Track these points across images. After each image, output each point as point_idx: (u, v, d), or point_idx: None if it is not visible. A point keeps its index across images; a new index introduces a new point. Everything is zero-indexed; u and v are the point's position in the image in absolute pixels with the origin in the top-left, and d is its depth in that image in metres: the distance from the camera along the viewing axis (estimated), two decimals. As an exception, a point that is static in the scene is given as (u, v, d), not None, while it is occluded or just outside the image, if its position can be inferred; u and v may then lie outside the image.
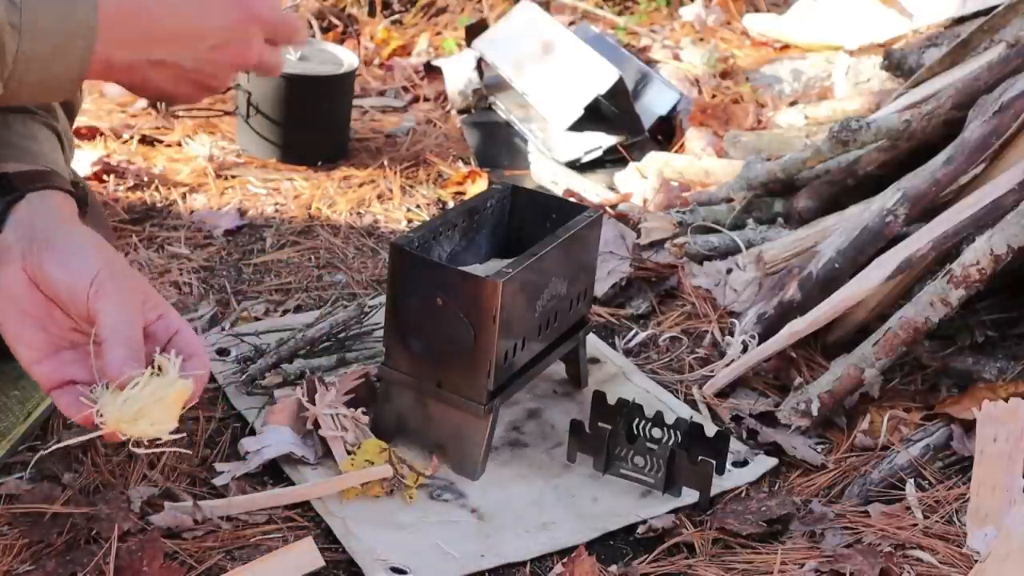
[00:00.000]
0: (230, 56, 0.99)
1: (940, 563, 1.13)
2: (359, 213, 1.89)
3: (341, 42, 2.53)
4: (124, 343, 0.93)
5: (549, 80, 2.20)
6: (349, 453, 1.21)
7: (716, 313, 1.60)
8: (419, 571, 1.08)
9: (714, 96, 2.41)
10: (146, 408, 0.90)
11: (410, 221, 1.87)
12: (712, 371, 1.47)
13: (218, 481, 1.19)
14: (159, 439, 0.91)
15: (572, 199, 1.79)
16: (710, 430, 1.28)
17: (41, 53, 0.87)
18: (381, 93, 2.45)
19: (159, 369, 0.93)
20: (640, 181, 1.99)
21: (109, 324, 0.93)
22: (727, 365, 1.46)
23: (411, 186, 1.99)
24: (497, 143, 2.22)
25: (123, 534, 1.08)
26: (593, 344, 1.50)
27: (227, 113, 2.16)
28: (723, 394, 1.43)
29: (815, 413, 1.35)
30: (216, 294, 1.58)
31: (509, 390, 1.24)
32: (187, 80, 0.98)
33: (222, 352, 1.41)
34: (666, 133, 2.24)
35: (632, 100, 2.18)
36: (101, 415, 0.90)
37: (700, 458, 1.21)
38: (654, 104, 2.24)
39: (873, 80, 2.28)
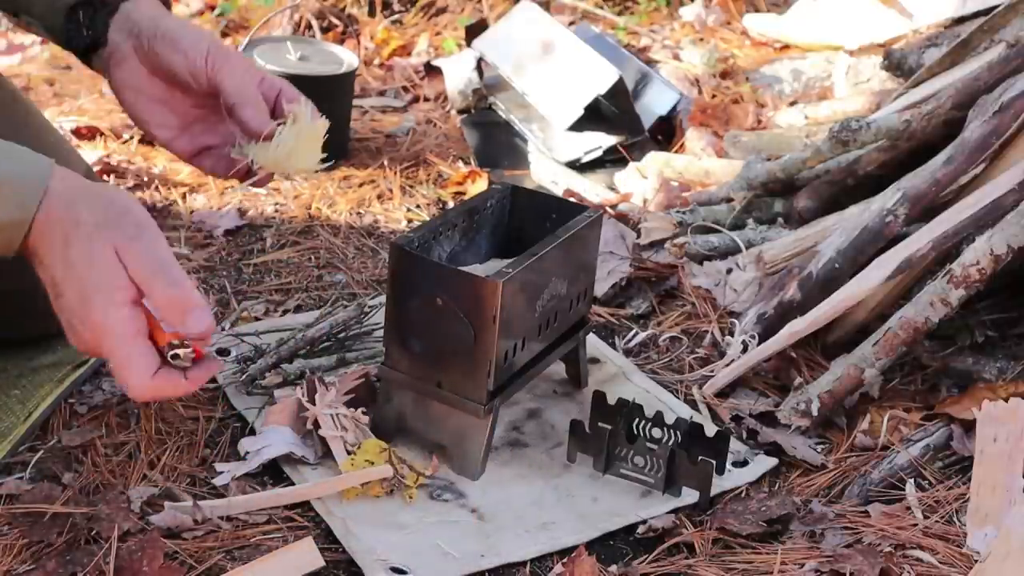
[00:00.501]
0: (75, 337, 0.97)
1: (940, 563, 1.13)
2: (359, 213, 1.89)
3: (341, 42, 2.53)
4: (253, 103, 1.11)
5: (549, 80, 2.20)
6: (349, 453, 1.21)
7: (716, 313, 1.60)
8: (419, 571, 1.08)
9: (714, 96, 2.41)
10: (295, 148, 1.10)
11: (410, 221, 1.87)
12: (712, 371, 1.47)
13: (218, 481, 1.19)
14: (313, 171, 1.14)
15: (572, 199, 1.79)
16: (710, 430, 1.28)
17: None
18: (381, 93, 2.45)
19: (294, 117, 1.10)
20: (640, 181, 1.99)
21: (234, 90, 1.11)
22: (727, 365, 1.46)
23: (411, 186, 1.99)
24: (497, 143, 2.22)
25: (123, 534, 1.09)
26: (593, 344, 1.50)
27: (227, 113, 2.16)
28: (723, 394, 1.43)
29: (815, 413, 1.35)
30: (216, 294, 1.58)
31: (509, 390, 1.24)
32: (57, 307, 0.97)
33: (222, 352, 1.41)
34: (666, 133, 2.24)
35: (632, 100, 2.18)
36: (256, 163, 1.10)
37: (700, 458, 1.21)
38: (654, 104, 2.24)
39: (873, 80, 2.28)
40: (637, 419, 1.29)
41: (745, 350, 1.47)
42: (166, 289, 0.94)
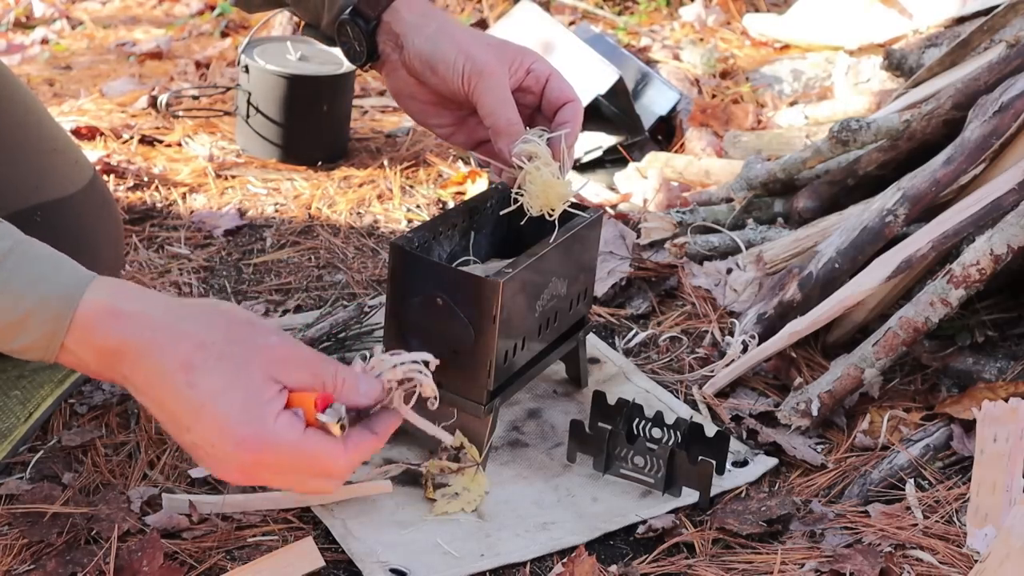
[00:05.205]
0: (213, 466, 0.88)
1: (940, 563, 1.13)
2: (359, 213, 1.89)
3: (341, 42, 2.53)
4: (504, 131, 1.14)
5: (549, 80, 2.19)
6: (349, 453, 1.21)
7: (716, 313, 1.60)
8: (419, 571, 1.08)
9: (714, 96, 2.41)
10: (542, 190, 1.17)
11: (410, 221, 1.87)
12: (712, 371, 1.47)
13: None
14: (566, 202, 1.20)
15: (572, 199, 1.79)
16: (710, 430, 1.28)
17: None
18: (381, 93, 2.45)
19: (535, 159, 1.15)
20: (640, 181, 1.99)
21: (488, 112, 1.14)
22: (727, 365, 1.46)
23: (411, 186, 1.99)
24: (497, 143, 2.22)
25: (123, 534, 1.09)
26: (593, 344, 1.50)
27: (227, 113, 2.16)
28: (723, 394, 1.43)
29: (815, 413, 1.35)
30: (216, 294, 1.58)
31: (509, 390, 1.24)
32: (182, 441, 0.88)
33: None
34: (666, 133, 2.24)
35: (632, 100, 2.18)
36: (523, 194, 1.18)
37: (700, 458, 1.21)
38: (654, 104, 2.24)
39: (873, 80, 2.28)
40: (637, 419, 1.29)
41: (745, 350, 1.47)
42: (334, 377, 0.88)
